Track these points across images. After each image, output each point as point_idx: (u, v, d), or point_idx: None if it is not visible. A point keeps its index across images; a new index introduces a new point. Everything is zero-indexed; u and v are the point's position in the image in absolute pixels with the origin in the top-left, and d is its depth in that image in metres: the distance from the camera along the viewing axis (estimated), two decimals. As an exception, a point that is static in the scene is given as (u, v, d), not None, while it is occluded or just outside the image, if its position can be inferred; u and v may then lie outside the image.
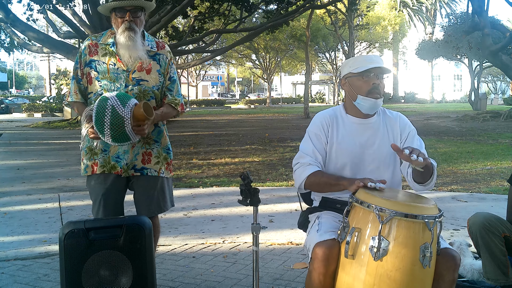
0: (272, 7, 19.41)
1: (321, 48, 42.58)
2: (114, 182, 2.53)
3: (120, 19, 2.45)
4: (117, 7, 2.44)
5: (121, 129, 2.24)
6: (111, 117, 2.22)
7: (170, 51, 2.67)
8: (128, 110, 2.25)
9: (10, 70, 64.12)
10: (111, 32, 2.57)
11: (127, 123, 2.24)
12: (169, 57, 2.62)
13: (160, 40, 2.67)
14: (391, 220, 1.74)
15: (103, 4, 2.50)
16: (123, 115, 2.23)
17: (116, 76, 2.48)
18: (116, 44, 2.51)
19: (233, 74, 69.70)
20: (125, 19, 2.44)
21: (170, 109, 2.60)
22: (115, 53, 2.50)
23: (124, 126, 2.24)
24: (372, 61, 2.18)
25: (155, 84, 2.55)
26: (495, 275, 2.53)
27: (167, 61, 2.60)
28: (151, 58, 2.55)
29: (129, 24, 2.44)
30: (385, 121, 2.27)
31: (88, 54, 2.53)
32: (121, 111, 2.23)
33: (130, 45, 2.44)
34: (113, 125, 2.23)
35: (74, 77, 2.58)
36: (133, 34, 2.44)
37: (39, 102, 33.35)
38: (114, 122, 2.22)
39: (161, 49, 2.60)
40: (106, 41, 2.53)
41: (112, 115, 2.22)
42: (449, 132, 14.88)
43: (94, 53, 2.53)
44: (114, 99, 2.25)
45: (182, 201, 5.52)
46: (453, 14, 30.63)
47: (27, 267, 3.36)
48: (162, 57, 2.59)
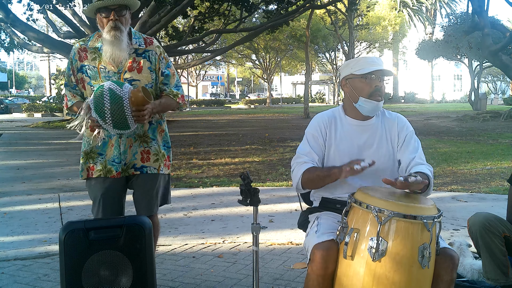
0: (272, 7, 19.40)
1: (321, 48, 42.58)
2: (113, 183, 2.52)
3: (106, 19, 2.43)
4: (101, 7, 2.41)
5: (120, 110, 2.24)
6: (110, 98, 2.23)
7: (160, 46, 2.63)
8: (126, 90, 2.26)
9: (10, 70, 64.17)
10: (98, 34, 2.54)
11: (126, 104, 2.24)
12: (159, 52, 2.58)
13: (147, 36, 2.63)
14: (389, 220, 1.74)
15: (87, 6, 2.48)
16: (121, 95, 2.24)
17: (108, 79, 2.46)
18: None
19: (233, 74, 69.68)
20: (110, 18, 2.41)
21: (169, 100, 2.58)
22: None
23: (123, 107, 2.24)
24: (374, 63, 2.18)
25: (148, 82, 2.52)
26: (495, 275, 2.53)
27: (157, 57, 2.56)
28: (140, 55, 2.52)
29: (115, 24, 2.41)
30: (383, 123, 2.27)
31: (78, 59, 2.52)
32: (119, 91, 2.24)
33: (114, 44, 2.41)
34: (113, 107, 2.23)
35: (67, 84, 2.58)
36: (119, 34, 2.42)
37: (39, 102, 33.34)
38: (114, 103, 2.23)
39: (149, 45, 2.56)
40: (94, 45, 2.51)
41: (110, 96, 2.23)
42: (449, 132, 14.89)
43: (84, 58, 2.51)
44: (110, 83, 2.28)
45: (182, 201, 5.52)
46: (453, 14, 30.62)
47: (27, 267, 3.36)
48: (151, 53, 2.55)
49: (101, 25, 2.47)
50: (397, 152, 2.24)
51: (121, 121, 2.28)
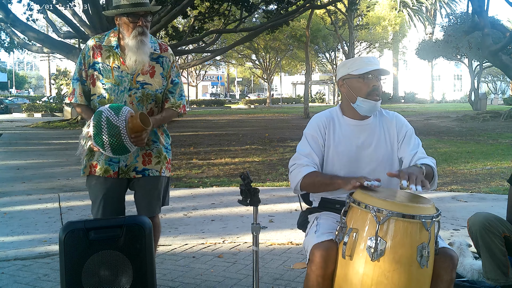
0: (272, 7, 19.40)
1: (321, 48, 42.58)
2: (114, 183, 2.52)
3: (132, 24, 2.44)
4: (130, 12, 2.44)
5: (118, 139, 2.26)
6: (107, 128, 2.24)
7: (173, 54, 2.66)
8: (122, 119, 2.27)
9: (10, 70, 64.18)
10: (113, 33, 2.56)
11: (123, 132, 2.25)
12: (172, 59, 2.61)
13: (163, 42, 2.66)
14: (388, 220, 1.74)
15: (114, 9, 2.47)
16: (118, 124, 2.25)
17: (121, 79, 2.48)
18: (120, 46, 2.50)
19: (233, 74, 69.67)
20: (138, 24, 2.44)
21: (170, 112, 2.60)
22: (119, 55, 2.49)
23: (121, 135, 2.25)
24: (371, 63, 2.18)
25: (159, 88, 2.55)
26: (495, 275, 2.53)
27: (170, 64, 2.59)
28: (154, 60, 2.54)
29: (143, 29, 2.45)
30: (381, 122, 2.27)
31: (91, 56, 2.52)
32: (115, 120, 2.25)
33: (140, 49, 2.44)
34: (111, 136, 2.24)
35: (78, 79, 2.56)
36: (145, 39, 2.45)
37: (39, 102, 33.32)
38: (111, 133, 2.24)
39: (164, 52, 2.59)
40: (110, 43, 2.52)
41: (108, 126, 2.24)
42: (449, 132, 14.89)
43: (98, 55, 2.52)
44: (108, 111, 2.27)
45: (182, 201, 5.51)
46: (453, 14, 30.59)
47: (27, 267, 3.36)
48: (165, 59, 2.58)
49: (125, 29, 2.47)
50: (397, 150, 2.24)
51: (120, 148, 2.30)
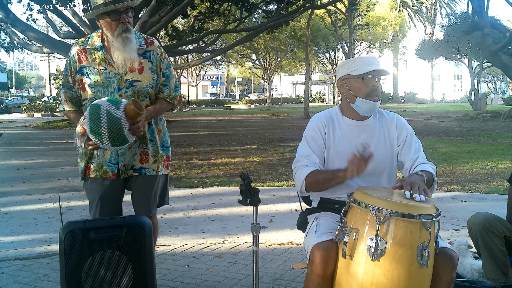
0: (272, 7, 19.41)
1: (321, 48, 42.58)
2: (111, 184, 2.51)
3: (115, 22, 2.38)
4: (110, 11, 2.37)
5: (119, 131, 2.22)
6: (108, 121, 2.19)
7: (160, 46, 2.60)
8: (122, 109, 2.24)
9: (10, 70, 64.17)
10: (97, 34, 2.51)
11: (124, 124, 2.22)
12: (159, 52, 2.55)
13: (147, 36, 2.60)
14: (388, 220, 1.74)
15: (93, 10, 2.39)
16: (119, 116, 2.21)
17: (109, 81, 2.44)
18: (105, 47, 2.46)
19: (233, 74, 69.67)
20: (121, 21, 2.38)
21: (164, 104, 2.56)
22: (105, 57, 2.45)
23: (122, 127, 2.22)
24: (370, 63, 2.18)
25: (149, 83, 2.50)
26: (495, 275, 2.53)
27: (158, 57, 2.53)
28: (141, 56, 2.49)
29: (126, 26, 2.39)
30: (381, 123, 2.27)
31: (77, 60, 2.48)
32: (116, 113, 2.21)
33: (127, 46, 2.39)
34: (111, 129, 2.20)
35: (64, 85, 2.54)
36: (130, 35, 2.40)
37: (39, 102, 33.35)
38: (112, 125, 2.20)
39: (150, 46, 2.53)
40: (94, 45, 2.48)
41: (108, 119, 2.19)
42: (449, 132, 14.88)
43: (83, 59, 2.47)
44: (106, 104, 2.24)
45: (182, 201, 5.51)
46: (453, 14, 30.60)
47: (27, 267, 3.36)
48: (153, 53, 2.52)
49: (108, 29, 2.41)
50: (398, 153, 2.25)
51: (120, 139, 2.25)
